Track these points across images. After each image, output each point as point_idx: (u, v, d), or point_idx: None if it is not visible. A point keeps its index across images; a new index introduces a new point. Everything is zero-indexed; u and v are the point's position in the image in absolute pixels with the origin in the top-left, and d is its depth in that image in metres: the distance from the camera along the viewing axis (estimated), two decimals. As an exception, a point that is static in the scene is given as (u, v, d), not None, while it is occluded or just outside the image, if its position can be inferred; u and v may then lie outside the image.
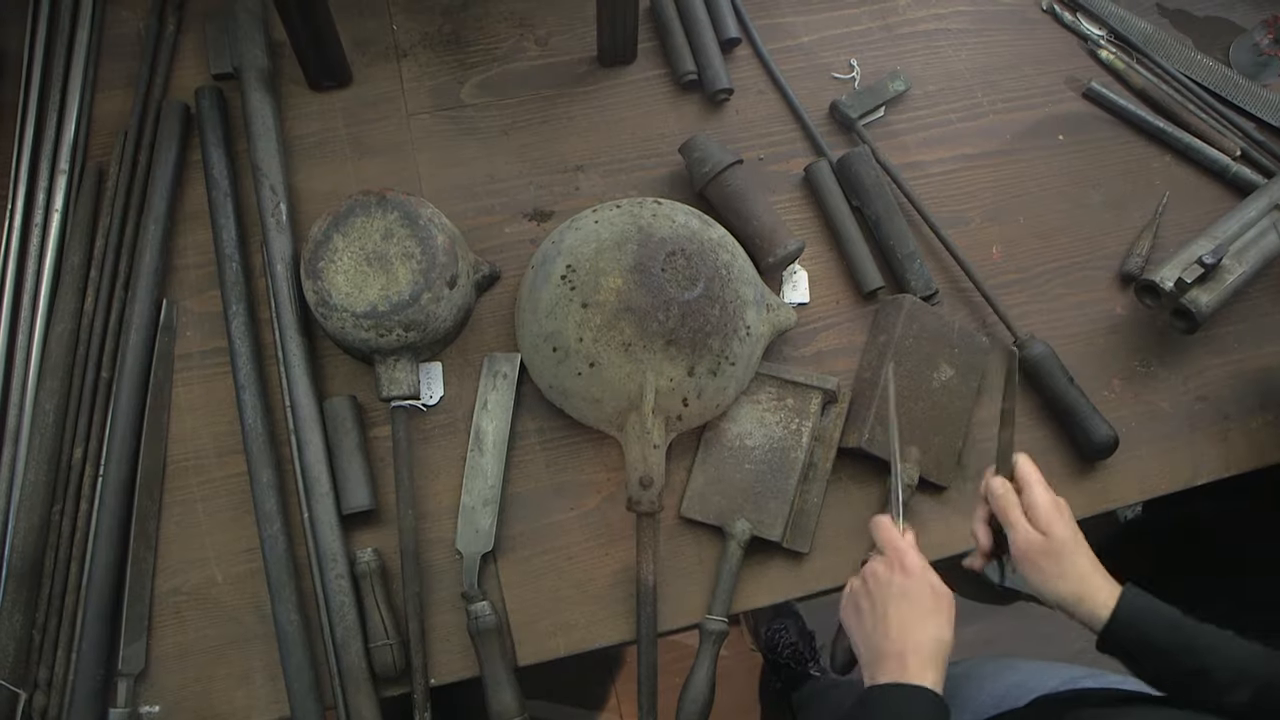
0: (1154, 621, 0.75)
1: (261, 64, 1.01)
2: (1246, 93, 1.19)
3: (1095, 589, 0.77)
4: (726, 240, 0.97)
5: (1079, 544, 0.79)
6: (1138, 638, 0.75)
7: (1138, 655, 0.76)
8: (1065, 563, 0.78)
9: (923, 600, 0.77)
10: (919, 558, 0.81)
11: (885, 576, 0.80)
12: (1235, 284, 1.01)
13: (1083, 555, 0.79)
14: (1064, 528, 0.79)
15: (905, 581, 0.78)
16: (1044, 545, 0.79)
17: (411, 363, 0.92)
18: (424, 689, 0.88)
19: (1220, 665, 0.72)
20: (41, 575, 0.88)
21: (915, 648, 0.75)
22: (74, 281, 0.95)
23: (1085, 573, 0.78)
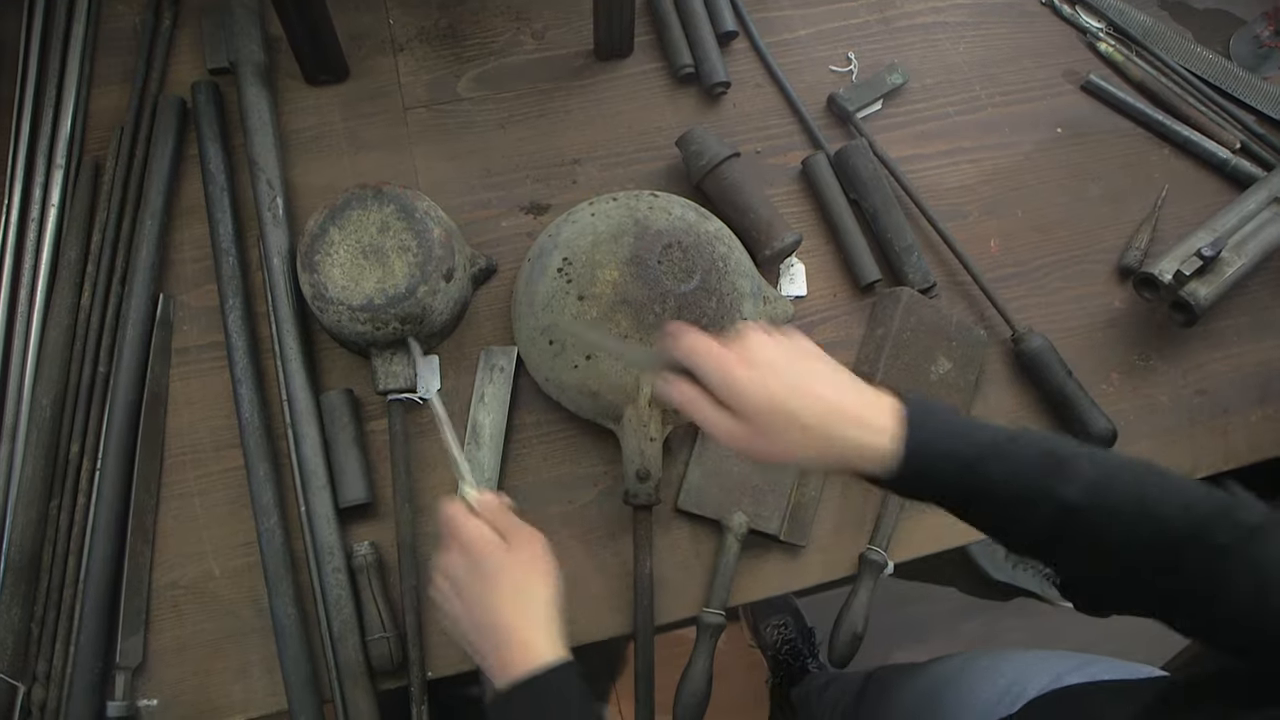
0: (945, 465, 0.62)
1: (258, 58, 1.01)
2: (1246, 85, 1.18)
3: (850, 442, 0.62)
4: (723, 233, 0.96)
5: (786, 402, 0.63)
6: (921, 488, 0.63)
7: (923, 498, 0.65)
8: (778, 433, 0.63)
9: (490, 565, 0.68)
10: (471, 521, 0.70)
11: (450, 567, 0.70)
12: (1234, 277, 1.01)
13: (803, 412, 0.63)
14: (756, 394, 0.63)
15: (466, 559, 0.69)
16: (744, 430, 0.64)
17: (408, 356, 0.92)
18: (421, 682, 0.88)
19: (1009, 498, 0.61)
20: (39, 569, 0.88)
21: (508, 630, 0.66)
22: (71, 276, 0.95)
23: (806, 427, 0.62)
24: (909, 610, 1.77)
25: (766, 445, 0.64)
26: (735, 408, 0.64)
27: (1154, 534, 0.59)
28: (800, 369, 0.65)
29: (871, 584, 0.95)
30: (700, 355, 0.65)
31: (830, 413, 0.63)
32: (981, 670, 0.93)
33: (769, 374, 0.64)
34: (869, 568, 0.95)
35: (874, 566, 0.95)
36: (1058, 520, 0.60)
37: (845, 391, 0.65)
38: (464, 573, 0.69)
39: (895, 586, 1.73)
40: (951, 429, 0.63)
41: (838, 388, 0.65)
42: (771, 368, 0.64)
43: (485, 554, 0.68)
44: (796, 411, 0.63)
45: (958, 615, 1.79)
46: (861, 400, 0.64)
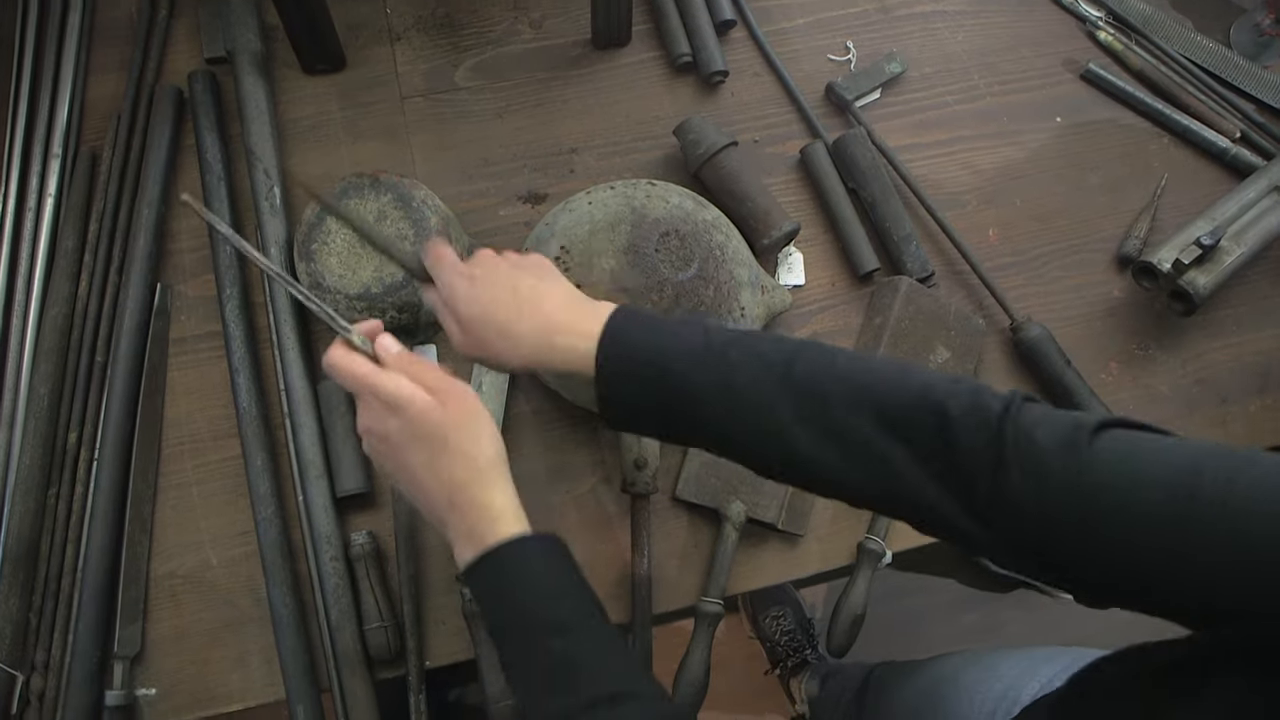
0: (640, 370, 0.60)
1: (255, 48, 1.01)
2: (1247, 74, 1.18)
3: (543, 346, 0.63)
4: (721, 222, 0.96)
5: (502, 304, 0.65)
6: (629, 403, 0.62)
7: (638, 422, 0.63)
8: (489, 341, 0.65)
9: (430, 429, 0.63)
10: (393, 378, 0.64)
11: (379, 429, 0.65)
12: (1233, 265, 1.01)
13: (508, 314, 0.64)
14: (468, 303, 0.66)
15: (400, 421, 0.64)
16: (464, 340, 0.67)
17: (405, 345, 0.92)
18: (419, 671, 0.88)
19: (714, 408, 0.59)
20: (37, 558, 0.88)
21: (458, 489, 0.63)
22: (68, 266, 0.95)
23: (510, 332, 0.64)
24: (908, 602, 1.77)
25: (480, 352, 0.67)
26: (454, 315, 0.67)
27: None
28: (517, 283, 0.66)
29: (870, 573, 0.95)
30: (437, 265, 0.69)
31: (542, 324, 0.64)
32: (980, 671, 0.93)
33: (483, 286, 0.66)
34: (867, 557, 0.95)
35: (872, 556, 0.95)
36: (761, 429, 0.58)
37: (560, 303, 0.65)
38: (400, 435, 0.64)
39: (894, 578, 1.73)
40: (648, 330, 0.62)
41: (554, 300, 0.65)
42: (487, 281, 0.67)
43: (417, 412, 0.63)
44: (503, 322, 0.65)
45: (957, 607, 1.79)
46: (575, 311, 0.64)
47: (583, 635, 0.60)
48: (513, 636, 0.62)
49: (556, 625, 0.60)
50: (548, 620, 0.60)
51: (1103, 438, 0.52)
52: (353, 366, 0.66)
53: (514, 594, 0.61)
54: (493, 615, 0.63)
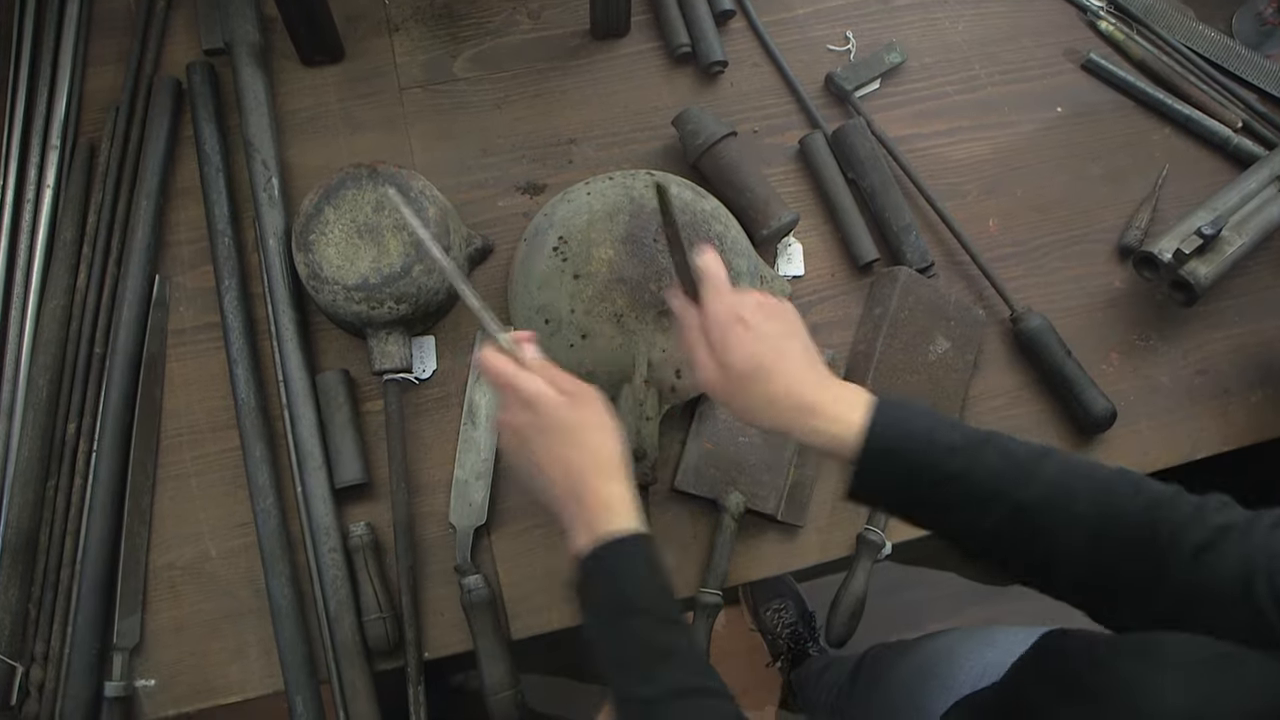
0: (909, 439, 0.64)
1: (253, 39, 1.01)
2: (1249, 64, 1.17)
3: (802, 413, 0.66)
4: (720, 212, 0.96)
5: (768, 365, 0.67)
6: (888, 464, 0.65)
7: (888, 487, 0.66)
8: (750, 396, 0.67)
9: (562, 425, 0.68)
10: (532, 378, 0.70)
11: (515, 423, 0.70)
12: (1234, 256, 1.00)
13: (775, 380, 0.66)
14: (742, 355, 0.67)
15: (533, 417, 0.69)
16: (721, 383, 0.68)
17: (403, 336, 0.92)
18: (417, 662, 0.88)
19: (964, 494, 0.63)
20: (36, 550, 0.88)
21: (583, 482, 0.67)
22: (66, 257, 0.95)
23: (779, 400, 0.66)
24: (908, 596, 1.76)
25: (735, 401, 0.68)
26: (720, 356, 0.68)
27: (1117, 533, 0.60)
28: (786, 346, 0.68)
29: (869, 564, 0.95)
30: (712, 288, 0.70)
31: (800, 399, 0.66)
32: (975, 642, 0.94)
33: (758, 340, 0.67)
34: (866, 548, 0.95)
35: (871, 547, 0.95)
36: (1012, 520, 0.62)
37: (819, 380, 0.68)
38: (534, 431, 0.69)
39: (894, 572, 1.73)
40: (915, 427, 0.65)
41: (815, 373, 0.68)
42: (765, 339, 0.68)
43: (553, 411, 0.68)
44: (769, 384, 0.67)
45: (957, 601, 1.79)
46: (830, 393, 0.67)
47: (677, 631, 0.64)
48: (614, 620, 0.65)
49: (659, 617, 0.64)
50: (651, 610, 0.64)
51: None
52: (498, 364, 0.71)
53: (623, 581, 0.65)
54: (598, 598, 0.66)
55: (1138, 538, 0.59)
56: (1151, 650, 0.53)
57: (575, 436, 0.68)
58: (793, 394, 0.66)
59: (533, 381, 0.69)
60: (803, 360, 0.69)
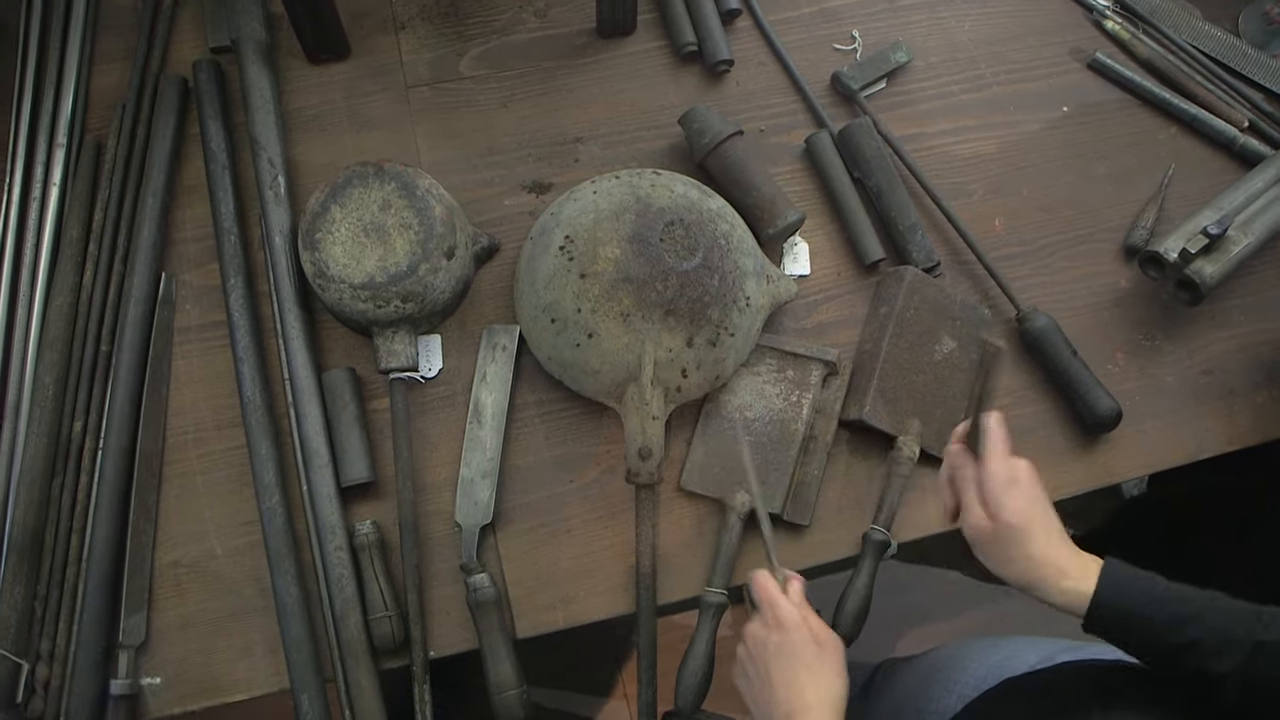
0: (1136, 599, 0.71)
1: (259, 37, 1.01)
2: (1255, 63, 1.17)
3: (1056, 573, 0.72)
4: (726, 211, 0.96)
5: (1033, 524, 0.74)
6: (1120, 618, 0.71)
7: (1121, 634, 0.72)
8: (1013, 549, 0.73)
9: (804, 654, 0.74)
10: (794, 609, 0.77)
11: (762, 635, 0.77)
12: (1241, 255, 1.00)
13: (1036, 537, 0.73)
14: (1014, 510, 0.74)
15: (782, 638, 0.75)
16: (990, 531, 0.74)
17: (410, 335, 0.92)
18: (423, 661, 0.88)
19: (1207, 634, 0.69)
20: (42, 548, 0.88)
21: (804, 707, 0.72)
22: (73, 255, 0.95)
23: (1037, 556, 0.73)
24: (911, 596, 1.76)
25: (995, 550, 0.74)
26: (992, 508, 0.74)
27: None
28: (1047, 513, 0.76)
29: (874, 564, 0.95)
30: (998, 445, 0.77)
31: (1056, 561, 0.73)
32: (983, 646, 0.94)
33: (1031, 502, 0.75)
34: (872, 547, 0.95)
35: (877, 546, 0.95)
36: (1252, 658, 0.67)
37: (1068, 546, 0.74)
38: (774, 648, 0.76)
39: (897, 571, 1.73)
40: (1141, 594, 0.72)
41: (1065, 540, 0.75)
42: (1031, 497, 0.75)
43: (800, 639, 0.75)
44: (1031, 544, 0.73)
45: (960, 600, 1.79)
46: (1071, 553, 0.74)
47: None
48: None
49: None
50: None
51: None
52: (768, 585, 0.80)
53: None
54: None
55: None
56: None
57: (812, 668, 0.74)
58: (1049, 555, 0.73)
59: (793, 611, 0.77)
60: (1057, 527, 0.75)
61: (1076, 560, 0.73)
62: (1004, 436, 0.78)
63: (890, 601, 0.97)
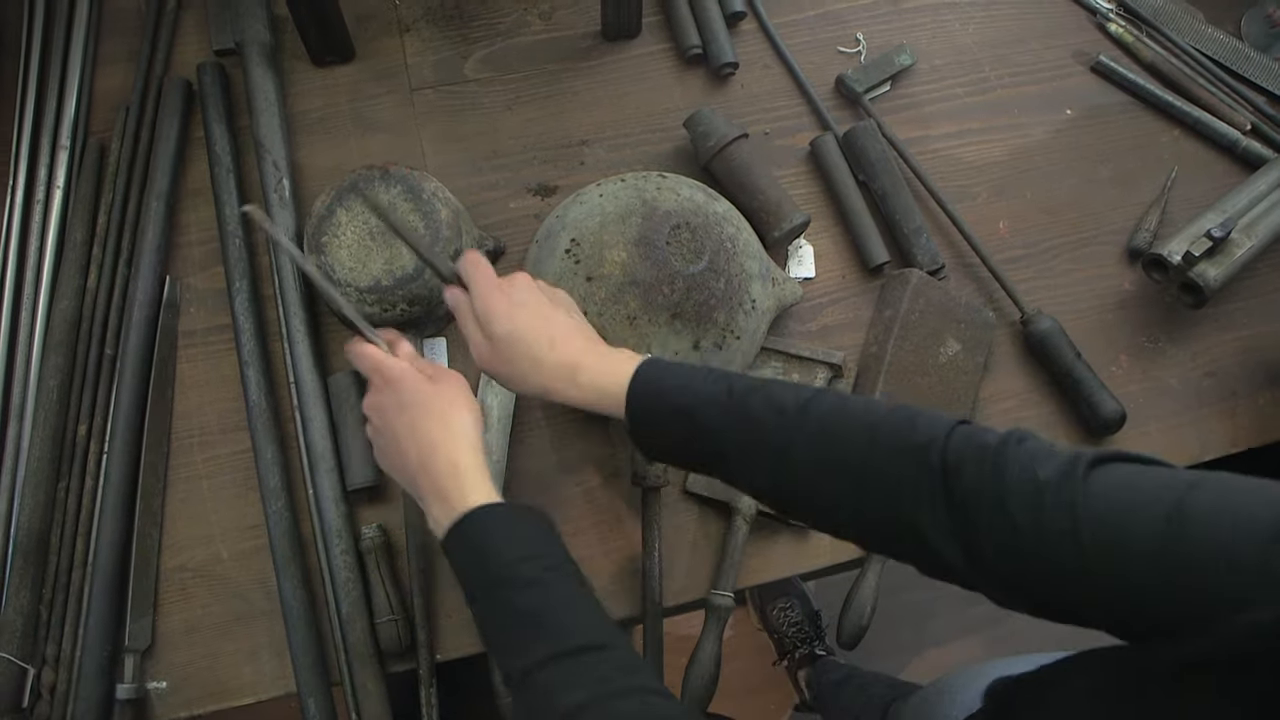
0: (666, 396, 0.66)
1: (264, 39, 1.01)
2: (1258, 66, 1.18)
3: (565, 377, 0.69)
4: (731, 214, 0.96)
5: (527, 330, 0.70)
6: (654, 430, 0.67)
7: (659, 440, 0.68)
8: (515, 361, 0.70)
9: (418, 398, 0.70)
10: (399, 362, 0.72)
11: (378, 401, 0.72)
12: (1244, 258, 1.00)
13: (539, 342, 0.69)
14: (503, 321, 0.70)
15: (396, 394, 0.71)
16: (490, 349, 0.71)
17: (415, 338, 0.92)
18: (429, 665, 0.88)
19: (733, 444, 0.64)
20: (47, 552, 0.88)
21: (430, 447, 0.68)
22: (77, 258, 0.95)
23: (539, 358, 0.69)
24: (913, 595, 1.77)
25: (502, 368, 0.71)
26: (484, 327, 0.71)
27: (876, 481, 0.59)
28: (550, 314, 0.72)
29: (880, 566, 0.95)
30: (474, 272, 0.72)
31: (569, 359, 0.69)
32: (961, 683, 0.94)
33: (520, 308, 0.71)
34: (878, 550, 0.95)
35: (883, 548, 0.95)
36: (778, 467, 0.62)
37: (584, 345, 0.71)
38: (393, 408, 0.71)
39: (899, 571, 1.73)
40: (677, 378, 0.67)
41: (580, 340, 0.71)
42: (524, 305, 0.71)
43: (412, 388, 0.70)
44: (532, 344, 0.69)
45: (963, 599, 1.78)
46: (599, 354, 0.70)
47: (549, 591, 0.62)
48: (481, 596, 0.64)
49: (521, 582, 0.62)
50: (512, 578, 0.63)
51: (1097, 473, 0.52)
52: (368, 351, 0.73)
53: (482, 555, 0.64)
54: (465, 578, 0.66)
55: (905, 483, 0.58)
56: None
57: (431, 409, 0.69)
58: (558, 353, 0.69)
59: (399, 364, 0.72)
60: (568, 325, 0.72)
61: (602, 361, 0.70)
62: (486, 265, 0.74)
63: (891, 599, 0.97)
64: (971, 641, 1.81)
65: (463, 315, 0.73)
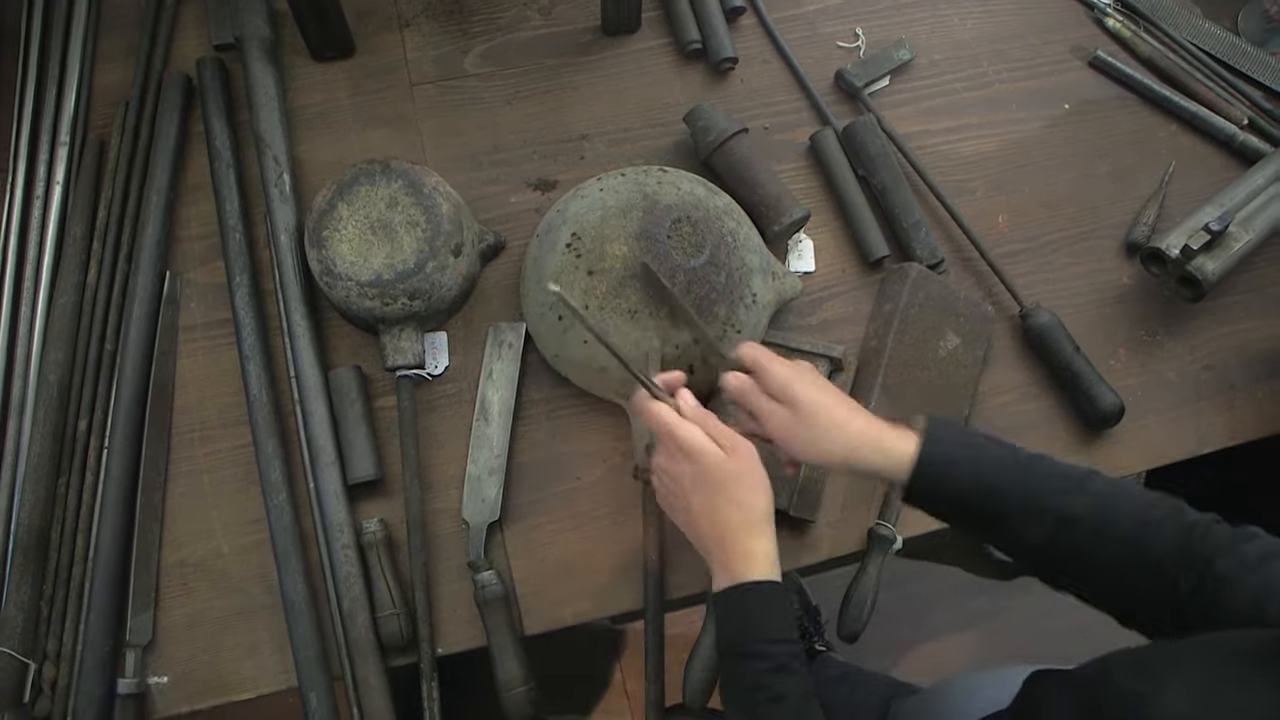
0: (960, 455, 0.71)
1: (263, 34, 1.00)
2: (1255, 61, 1.18)
3: (868, 439, 0.73)
4: (732, 208, 0.96)
5: (836, 401, 0.74)
6: (942, 476, 0.71)
7: (943, 498, 0.72)
8: (821, 423, 0.73)
9: (718, 477, 0.72)
10: (694, 429, 0.74)
11: (673, 469, 0.75)
12: (1242, 251, 1.01)
13: (841, 410, 0.74)
14: (806, 390, 0.74)
15: (693, 467, 0.73)
16: (791, 418, 0.74)
17: (416, 332, 0.92)
18: (431, 659, 0.88)
19: (1018, 506, 0.69)
20: (48, 547, 0.88)
21: (730, 532, 0.72)
22: (76, 254, 0.95)
23: (850, 426, 0.73)
24: (912, 589, 1.77)
25: (805, 432, 0.74)
26: (787, 398, 0.74)
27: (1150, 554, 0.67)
28: (836, 393, 0.77)
29: (881, 559, 0.95)
30: (761, 354, 0.77)
31: (868, 429, 0.73)
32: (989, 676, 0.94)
33: (822, 385, 0.76)
34: (878, 543, 0.95)
35: (883, 542, 0.95)
36: (1059, 530, 0.68)
37: (872, 417, 0.75)
38: (690, 480, 0.73)
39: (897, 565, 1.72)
40: (966, 443, 0.73)
41: (868, 414, 0.76)
42: (817, 380, 0.77)
43: (711, 463, 0.72)
44: (833, 411, 0.74)
45: (961, 594, 1.79)
46: (885, 425, 0.74)
47: (791, 679, 0.69)
48: (732, 654, 0.71)
49: (774, 663, 0.69)
50: (768, 653, 0.70)
51: None
52: (660, 412, 0.75)
53: (748, 624, 0.71)
54: (725, 633, 0.72)
55: (1168, 560, 0.66)
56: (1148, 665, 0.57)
57: (729, 491, 0.72)
58: (861, 424, 0.74)
59: (694, 433, 0.73)
60: (861, 408, 0.76)
61: (893, 429, 0.74)
62: (767, 350, 0.78)
63: (890, 593, 0.97)
64: (970, 636, 1.81)
65: (752, 395, 0.77)
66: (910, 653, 1.77)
